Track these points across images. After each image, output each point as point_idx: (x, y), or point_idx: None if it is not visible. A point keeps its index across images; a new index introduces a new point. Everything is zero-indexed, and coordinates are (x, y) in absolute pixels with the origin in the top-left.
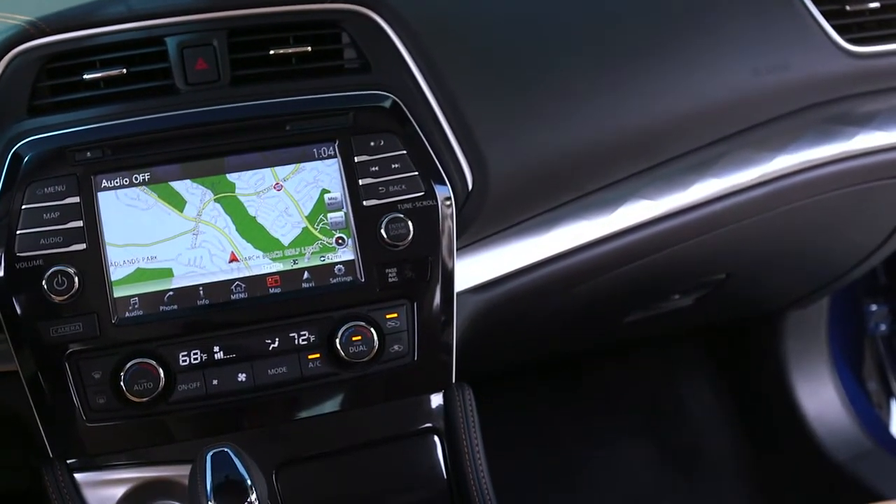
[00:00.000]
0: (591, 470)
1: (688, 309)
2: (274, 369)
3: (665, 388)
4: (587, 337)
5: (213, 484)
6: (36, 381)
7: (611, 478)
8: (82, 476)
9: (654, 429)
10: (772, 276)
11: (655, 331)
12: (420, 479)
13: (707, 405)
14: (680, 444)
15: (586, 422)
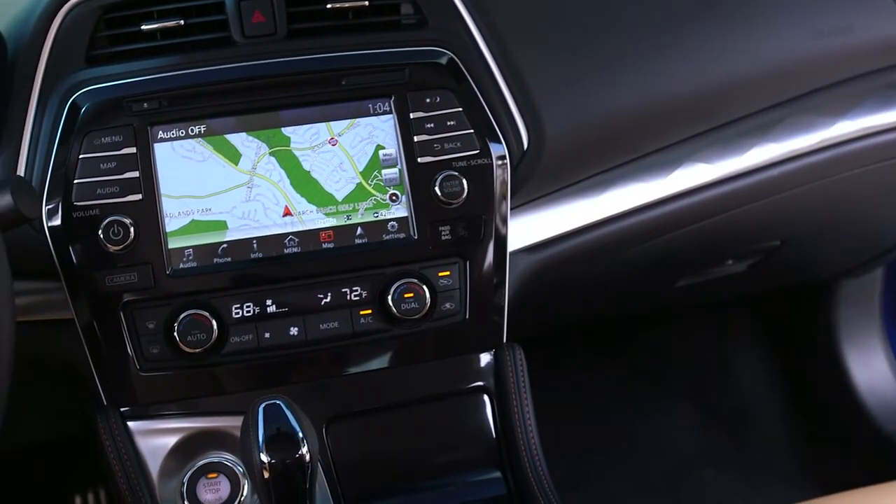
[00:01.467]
0: (636, 435)
1: (740, 275)
2: (326, 324)
3: (712, 355)
4: (637, 301)
5: (265, 436)
6: (91, 330)
7: (656, 443)
8: (135, 424)
9: (701, 395)
10: (827, 243)
11: (705, 297)
12: (469, 437)
13: (754, 373)
14: (726, 410)
15: (632, 386)
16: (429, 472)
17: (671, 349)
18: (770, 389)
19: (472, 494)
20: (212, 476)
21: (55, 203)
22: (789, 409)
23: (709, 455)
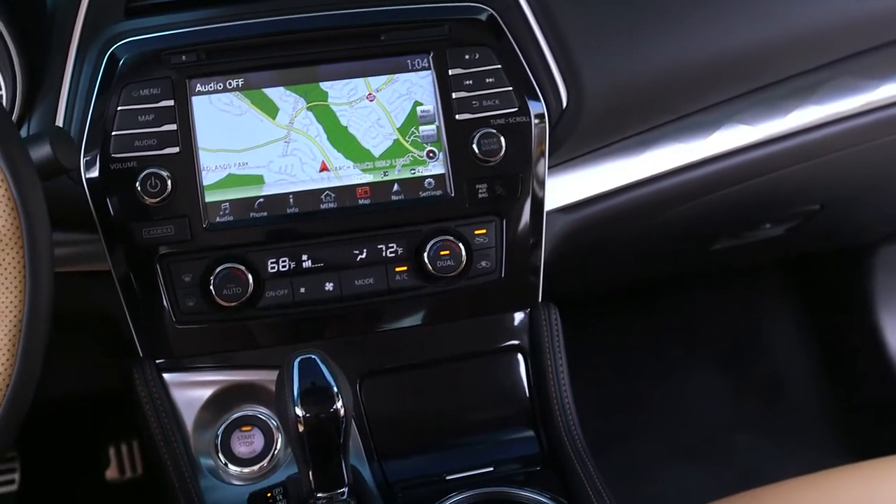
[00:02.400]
0: (667, 400)
1: (777, 239)
2: (361, 280)
3: (746, 320)
4: (672, 264)
5: (300, 389)
6: (128, 282)
7: (687, 408)
8: (170, 376)
9: (733, 360)
10: (867, 208)
11: (741, 260)
12: (502, 396)
13: (788, 338)
14: (759, 376)
15: (665, 351)
16: (461, 430)
17: (704, 313)
18: (804, 355)
19: (505, 453)
20: (246, 429)
21: (93, 155)
22: (823, 376)
23: (741, 421)
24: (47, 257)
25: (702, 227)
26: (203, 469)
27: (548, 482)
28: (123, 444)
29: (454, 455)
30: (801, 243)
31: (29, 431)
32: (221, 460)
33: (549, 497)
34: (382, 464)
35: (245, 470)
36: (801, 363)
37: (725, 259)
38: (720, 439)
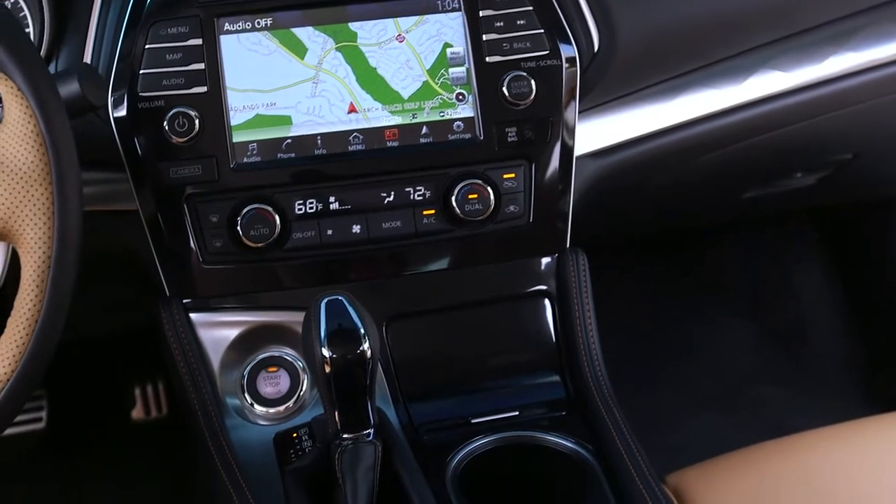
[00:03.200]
0: (693, 349)
1: (808, 188)
2: (388, 223)
3: (774, 270)
4: (701, 212)
5: (327, 331)
6: (155, 222)
7: (713, 358)
8: (197, 316)
9: (760, 310)
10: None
11: (771, 209)
12: (528, 341)
13: (816, 289)
14: (785, 327)
15: (692, 300)
16: (487, 374)
17: (732, 263)
18: (830, 307)
19: (530, 397)
20: (272, 370)
21: (121, 93)
22: (850, 327)
23: (766, 372)
24: (76, 194)
25: (732, 176)
26: (229, 408)
27: (573, 427)
28: (149, 384)
29: (479, 399)
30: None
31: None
32: (247, 400)
33: (575, 442)
34: (408, 406)
35: (271, 410)
36: (828, 314)
37: (755, 208)
38: (745, 390)
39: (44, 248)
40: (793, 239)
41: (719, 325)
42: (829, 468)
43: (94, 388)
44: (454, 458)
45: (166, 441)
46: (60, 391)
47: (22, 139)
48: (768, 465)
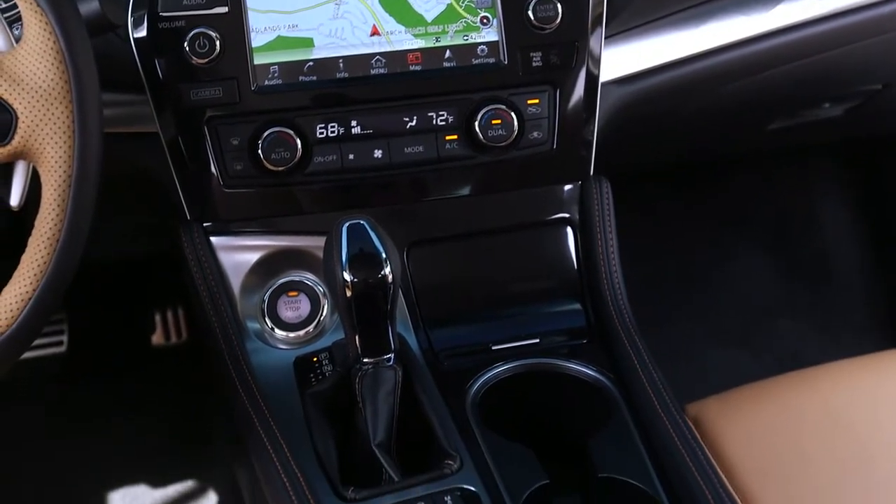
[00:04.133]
0: (715, 279)
1: (835, 120)
2: (410, 148)
3: (797, 203)
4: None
5: (349, 255)
6: (175, 145)
7: (734, 290)
8: (217, 240)
9: (782, 243)
10: None
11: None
12: (551, 268)
13: (839, 223)
14: (807, 260)
15: (714, 232)
16: (508, 301)
17: (755, 195)
18: (854, 242)
19: (551, 325)
20: (292, 294)
21: (140, 13)
22: (872, 262)
23: (786, 305)
24: (96, 113)
25: (759, 105)
26: (249, 332)
27: (594, 355)
28: (169, 310)
29: (500, 326)
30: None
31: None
32: (268, 324)
33: (596, 370)
34: (428, 332)
35: (291, 335)
36: (851, 249)
37: (781, 139)
38: (765, 323)
39: (64, 167)
40: (818, 173)
41: (741, 257)
42: (852, 400)
43: (115, 313)
44: (474, 385)
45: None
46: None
47: (41, 56)
48: (790, 396)
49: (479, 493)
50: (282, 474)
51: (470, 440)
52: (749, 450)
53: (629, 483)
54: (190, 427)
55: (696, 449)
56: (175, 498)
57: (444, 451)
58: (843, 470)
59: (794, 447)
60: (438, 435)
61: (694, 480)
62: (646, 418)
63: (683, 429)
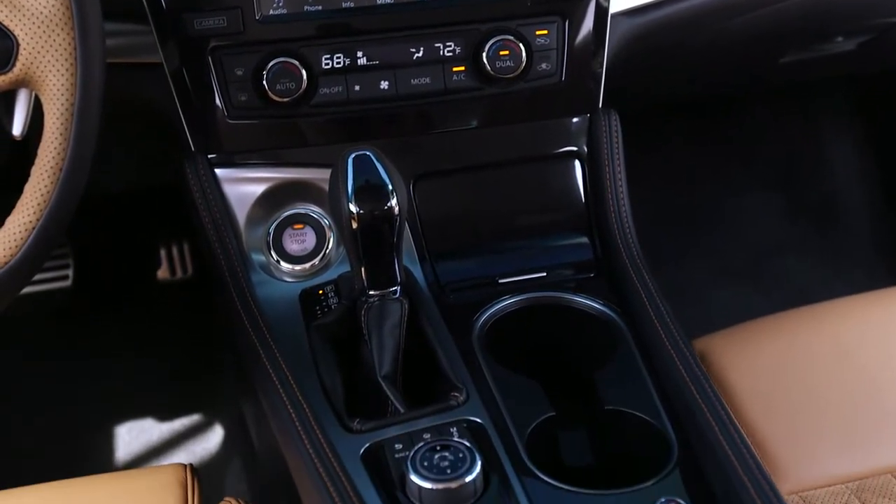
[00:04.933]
0: (722, 217)
1: (848, 54)
2: (417, 79)
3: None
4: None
5: (354, 186)
6: (180, 75)
7: (741, 227)
8: (222, 171)
9: (791, 181)
10: None
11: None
12: (558, 201)
13: (848, 161)
14: (815, 198)
15: (722, 168)
16: (515, 234)
17: (765, 132)
18: (863, 180)
19: (558, 258)
20: (298, 227)
21: None
22: (880, 201)
23: (793, 243)
24: (98, 40)
25: (770, 38)
26: (255, 265)
27: (601, 289)
28: (175, 245)
29: (507, 259)
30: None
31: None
32: (273, 257)
33: (603, 304)
34: (434, 265)
35: (296, 267)
36: (860, 189)
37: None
38: (772, 261)
39: (67, 96)
40: (829, 109)
41: (749, 195)
42: (861, 334)
43: (121, 248)
44: (480, 318)
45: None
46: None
47: None
48: (798, 331)
49: (485, 425)
50: (287, 406)
51: (476, 373)
52: (755, 385)
53: (635, 415)
54: (196, 361)
55: (703, 382)
56: (181, 431)
57: (450, 384)
58: (852, 404)
59: (801, 382)
60: (444, 367)
61: (701, 413)
62: (653, 351)
63: (691, 362)
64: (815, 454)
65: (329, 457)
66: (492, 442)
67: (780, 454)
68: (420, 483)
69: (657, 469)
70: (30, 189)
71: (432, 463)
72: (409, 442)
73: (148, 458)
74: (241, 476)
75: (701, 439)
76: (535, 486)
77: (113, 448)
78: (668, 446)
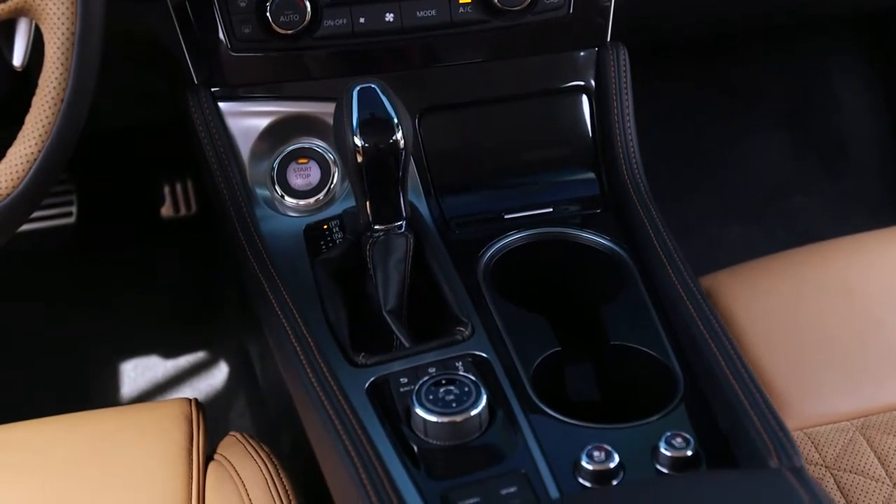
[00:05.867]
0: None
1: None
2: (423, 11)
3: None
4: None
5: (359, 119)
6: (182, 7)
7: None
8: (225, 105)
9: (799, 120)
10: None
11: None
12: (565, 136)
13: (858, 99)
14: (823, 137)
15: (730, 107)
16: (521, 169)
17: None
18: (872, 118)
19: (564, 193)
20: (302, 161)
21: None
22: (889, 138)
23: (800, 182)
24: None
25: None
26: (259, 199)
27: (608, 225)
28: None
29: (513, 194)
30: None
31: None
32: (277, 192)
33: (609, 239)
34: (440, 200)
35: (301, 202)
36: (868, 127)
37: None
38: (778, 200)
39: (67, 25)
40: (838, 45)
41: (755, 133)
42: (868, 272)
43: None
44: (486, 253)
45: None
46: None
47: None
48: (804, 268)
49: (491, 359)
50: (292, 339)
51: (481, 308)
52: (761, 322)
53: (641, 350)
54: (200, 299)
55: (710, 317)
56: (186, 368)
57: (456, 319)
58: (858, 342)
59: (807, 319)
60: (450, 302)
61: (707, 348)
62: (659, 287)
63: (698, 297)
64: (820, 391)
65: (334, 390)
66: (497, 376)
67: (786, 391)
68: (425, 416)
69: (662, 404)
70: (31, 120)
71: (437, 396)
72: (413, 376)
73: (153, 393)
74: (245, 412)
75: (707, 374)
76: (540, 420)
77: (118, 384)
78: (674, 381)
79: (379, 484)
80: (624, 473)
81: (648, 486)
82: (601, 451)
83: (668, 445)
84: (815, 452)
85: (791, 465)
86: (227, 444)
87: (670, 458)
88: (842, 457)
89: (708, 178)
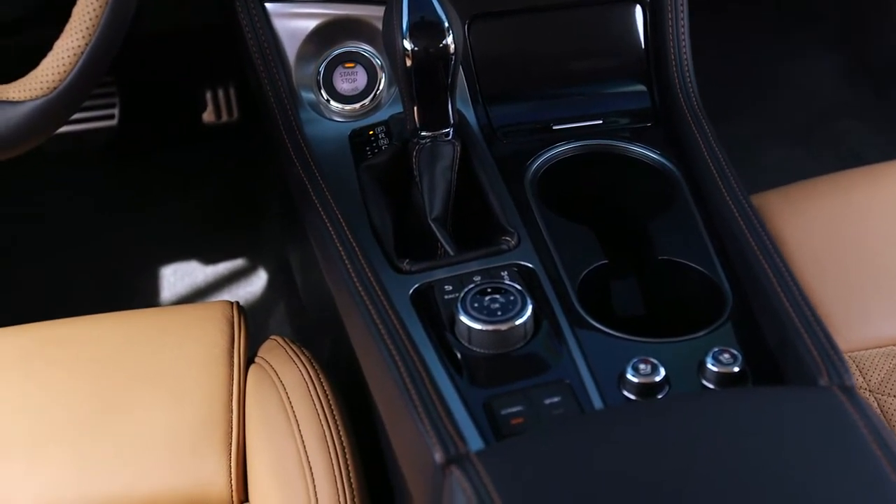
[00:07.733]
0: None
1: None
2: None
3: None
4: None
5: (410, 22)
6: None
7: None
8: (272, 6)
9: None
10: None
11: None
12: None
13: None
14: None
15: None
16: (571, 79)
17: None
18: None
19: (615, 106)
20: (349, 66)
21: None
22: None
23: (849, 106)
24: None
25: None
26: (304, 102)
27: (658, 139)
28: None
29: (562, 105)
30: None
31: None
32: (323, 96)
33: (659, 153)
34: (488, 108)
35: (346, 107)
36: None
37: None
38: (828, 123)
39: None
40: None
41: (808, 54)
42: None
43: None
44: (534, 164)
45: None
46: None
47: None
48: (853, 191)
49: (537, 269)
50: (336, 243)
51: (528, 218)
52: (809, 243)
53: (689, 265)
54: (239, 206)
55: (761, 233)
56: (225, 275)
57: (502, 228)
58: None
59: (855, 242)
60: (496, 211)
61: (758, 264)
62: (710, 202)
63: (749, 212)
64: (866, 314)
65: (379, 295)
66: (542, 287)
67: (832, 313)
68: (470, 324)
69: (710, 320)
70: (77, 12)
71: (482, 305)
72: (458, 284)
73: (192, 298)
74: (285, 320)
75: (756, 291)
76: (586, 332)
77: (158, 287)
78: (722, 297)
79: (423, 388)
80: (669, 387)
81: (695, 399)
82: (647, 363)
83: (714, 361)
84: (860, 376)
85: (842, 383)
86: (268, 348)
87: (717, 374)
88: (886, 381)
89: (756, 99)
